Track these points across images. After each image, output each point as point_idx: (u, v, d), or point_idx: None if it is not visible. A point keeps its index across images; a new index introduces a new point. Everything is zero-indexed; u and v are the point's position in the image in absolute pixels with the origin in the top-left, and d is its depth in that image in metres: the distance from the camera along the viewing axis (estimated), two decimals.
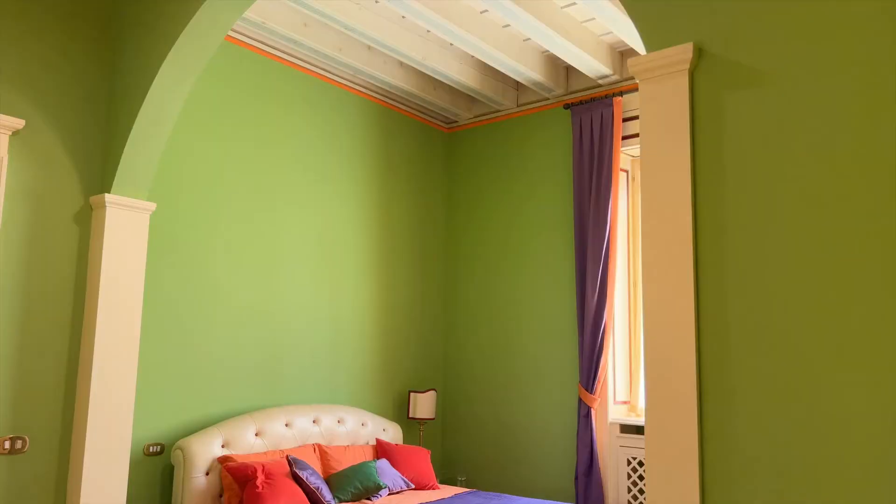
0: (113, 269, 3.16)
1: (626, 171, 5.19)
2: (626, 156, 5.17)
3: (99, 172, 3.27)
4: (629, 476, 4.69)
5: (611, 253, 4.92)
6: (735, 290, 1.61)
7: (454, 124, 5.99)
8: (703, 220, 1.67)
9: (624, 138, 5.03)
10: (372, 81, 5.14)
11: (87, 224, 3.23)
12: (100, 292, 3.10)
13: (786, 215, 1.57)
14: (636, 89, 5.01)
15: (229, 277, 4.30)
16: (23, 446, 2.98)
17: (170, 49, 3.07)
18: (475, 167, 5.83)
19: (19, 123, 3.01)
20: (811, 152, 1.55)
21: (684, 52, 1.73)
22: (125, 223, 3.22)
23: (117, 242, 3.19)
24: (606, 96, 5.05)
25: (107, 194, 3.17)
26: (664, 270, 1.69)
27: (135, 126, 3.14)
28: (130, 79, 3.24)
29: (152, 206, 3.33)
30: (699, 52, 1.72)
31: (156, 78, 3.12)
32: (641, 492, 4.64)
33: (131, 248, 3.23)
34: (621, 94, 5.02)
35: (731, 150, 1.65)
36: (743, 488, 1.54)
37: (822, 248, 1.51)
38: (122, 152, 3.18)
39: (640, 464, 4.65)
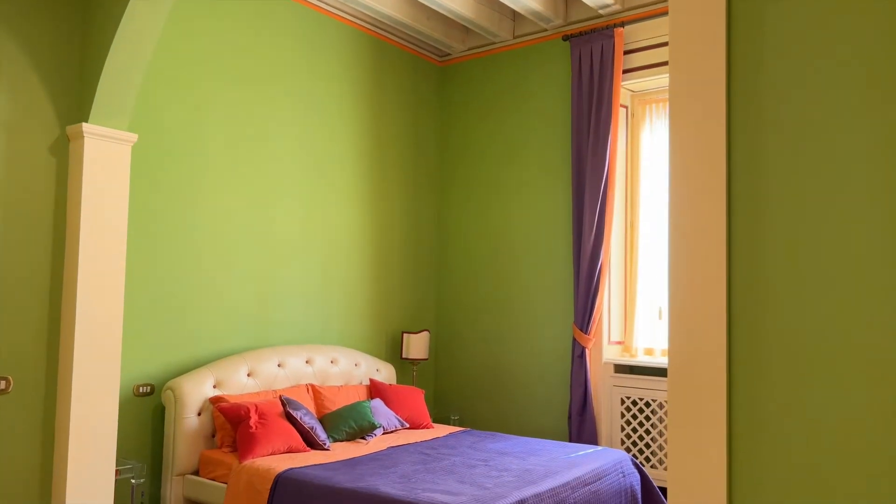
0: (94, 203, 3.00)
1: (626, 107, 5.02)
2: (627, 91, 5.00)
3: (75, 100, 3.07)
4: (623, 415, 4.70)
5: (609, 192, 4.80)
6: (772, 231, 1.49)
7: (447, 57, 5.75)
8: (738, 154, 1.54)
9: (625, 72, 4.85)
10: (362, 10, 4.88)
11: (64, 156, 3.05)
12: (80, 228, 2.95)
13: (840, 153, 1.44)
14: (638, 20, 4.81)
15: (217, 213, 4.15)
16: (7, 387, 2.88)
17: None
18: (469, 102, 5.63)
19: None
20: (870, 74, 1.41)
21: None
22: (105, 155, 3.04)
23: (97, 175, 3.01)
24: (607, 27, 4.84)
25: (84, 124, 2.98)
26: (693, 210, 1.57)
27: (111, 50, 2.92)
28: None
29: (134, 136, 3.14)
30: None
31: None
32: (635, 430, 4.66)
33: (112, 181, 3.06)
34: (623, 24, 4.81)
35: (773, 69, 1.51)
36: (772, 444, 1.46)
37: (880, 194, 1.39)
38: (99, 79, 2.97)
39: (634, 403, 4.66)
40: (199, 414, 3.76)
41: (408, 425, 4.41)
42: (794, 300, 1.47)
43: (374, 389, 4.59)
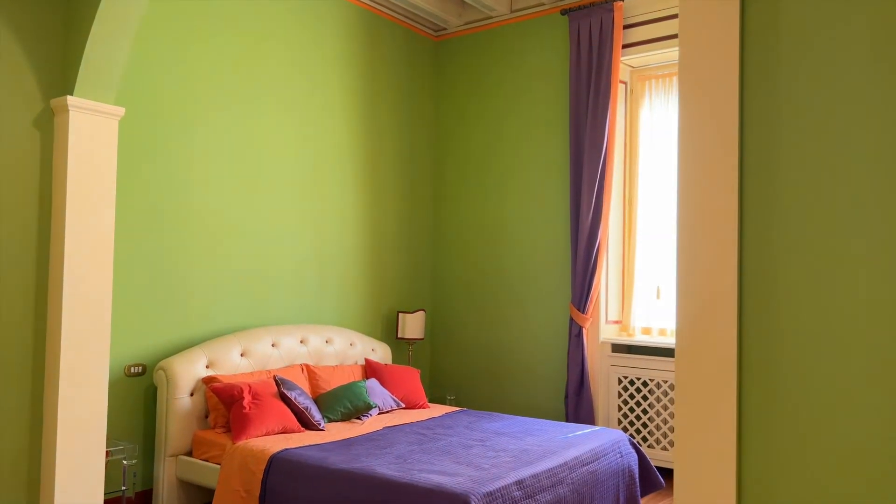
0: (80, 179, 2.91)
1: (625, 83, 4.93)
2: (626, 66, 4.91)
3: (59, 72, 2.97)
4: (620, 395, 4.67)
5: (607, 170, 4.73)
6: (785, 214, 1.42)
7: (443, 32, 5.64)
8: (751, 134, 1.47)
9: (624, 47, 4.75)
10: None
11: (49, 130, 2.95)
12: (67, 204, 2.86)
13: (856, 136, 1.37)
14: None
15: (209, 189, 4.06)
16: None
17: None
18: (465, 78, 5.53)
19: None
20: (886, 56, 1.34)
21: None
22: (91, 129, 2.94)
23: (84, 150, 2.92)
24: (606, 1, 4.73)
25: (69, 97, 2.88)
26: (704, 191, 1.50)
27: (97, 18, 2.81)
28: None
29: (121, 110, 3.05)
30: None
31: None
32: (632, 410, 4.63)
33: (100, 156, 2.97)
34: None
35: (788, 52, 1.44)
36: (783, 433, 1.40)
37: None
38: (83, 49, 2.86)
39: (632, 383, 4.63)
40: (192, 394, 3.71)
41: (403, 405, 4.37)
42: (807, 285, 1.40)
43: (370, 369, 4.55)
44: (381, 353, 4.87)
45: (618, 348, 4.75)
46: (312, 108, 4.70)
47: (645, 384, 4.58)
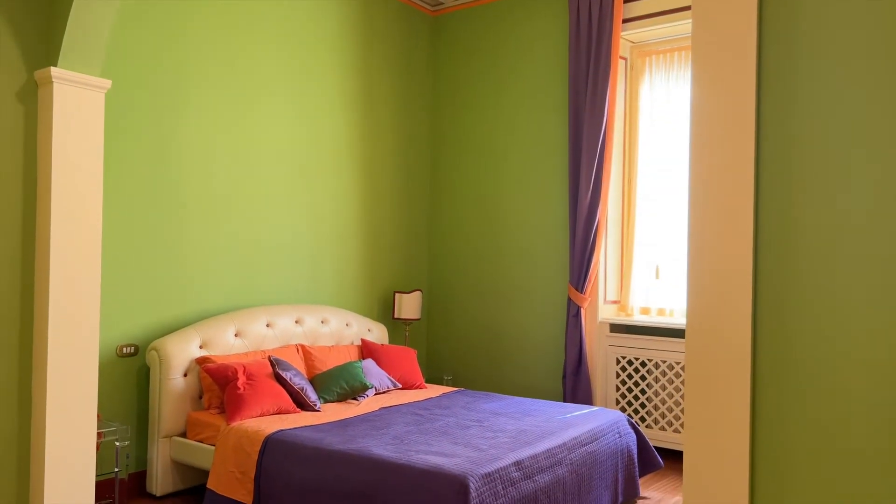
0: (66, 154, 2.82)
1: (625, 59, 4.84)
2: (626, 42, 4.81)
3: (43, 42, 2.86)
4: (618, 375, 4.64)
5: (607, 147, 4.65)
6: (802, 207, 1.35)
7: (440, 6, 5.52)
8: (767, 114, 1.39)
9: (624, 21, 4.65)
10: None
11: (33, 103, 2.85)
12: (52, 180, 2.77)
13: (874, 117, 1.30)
14: None
15: (201, 165, 3.98)
16: None
17: None
18: (463, 54, 5.42)
19: None
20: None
21: None
22: (77, 102, 2.84)
23: (69, 124, 2.83)
24: None
25: (53, 68, 2.78)
26: (717, 185, 1.43)
27: None
28: None
29: (107, 83, 2.95)
30: None
31: None
32: (630, 390, 4.60)
33: (86, 130, 2.88)
34: None
35: (808, 31, 1.36)
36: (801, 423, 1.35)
37: None
38: (67, 19, 2.76)
39: (630, 363, 4.59)
40: (186, 375, 3.65)
41: (400, 386, 4.32)
42: (823, 276, 1.34)
43: (366, 350, 4.49)
44: (377, 333, 4.82)
45: (616, 328, 4.70)
46: (308, 85, 4.60)
47: (643, 364, 4.54)
